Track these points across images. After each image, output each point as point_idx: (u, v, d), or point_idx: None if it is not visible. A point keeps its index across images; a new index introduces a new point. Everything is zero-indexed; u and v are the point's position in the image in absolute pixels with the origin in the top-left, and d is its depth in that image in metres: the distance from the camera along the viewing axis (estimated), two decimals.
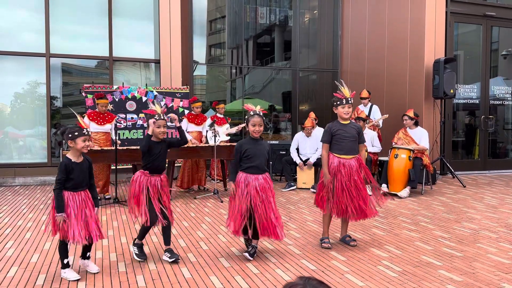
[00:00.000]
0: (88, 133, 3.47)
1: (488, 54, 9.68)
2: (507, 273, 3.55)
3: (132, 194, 3.83)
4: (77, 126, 3.51)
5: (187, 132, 7.50)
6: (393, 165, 6.89)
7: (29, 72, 8.76)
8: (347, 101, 4.19)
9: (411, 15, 8.99)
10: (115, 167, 6.59)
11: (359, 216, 4.22)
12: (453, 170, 8.24)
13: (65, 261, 3.50)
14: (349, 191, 4.13)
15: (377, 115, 8.34)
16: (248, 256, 3.89)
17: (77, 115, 3.78)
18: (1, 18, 8.57)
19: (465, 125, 10.00)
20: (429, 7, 8.66)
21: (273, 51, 11.66)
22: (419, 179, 7.01)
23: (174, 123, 4.07)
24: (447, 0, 8.96)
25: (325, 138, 4.28)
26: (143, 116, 8.11)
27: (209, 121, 7.62)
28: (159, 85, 8.96)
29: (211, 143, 7.01)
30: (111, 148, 6.44)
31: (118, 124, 7.69)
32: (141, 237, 3.97)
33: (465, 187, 7.72)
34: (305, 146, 7.81)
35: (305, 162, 7.64)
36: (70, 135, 3.41)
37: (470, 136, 9.94)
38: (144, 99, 8.16)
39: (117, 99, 7.98)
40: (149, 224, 3.81)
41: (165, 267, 3.75)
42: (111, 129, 6.72)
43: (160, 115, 3.88)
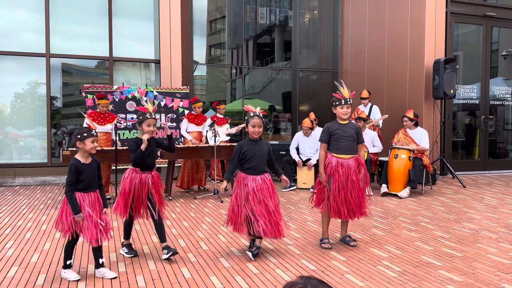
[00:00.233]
0: (96, 134, 3.48)
1: (488, 55, 9.68)
2: (507, 273, 3.56)
3: (122, 190, 3.87)
4: (85, 127, 3.50)
5: (187, 132, 7.51)
6: (393, 165, 6.89)
7: (29, 72, 8.76)
8: (346, 102, 4.20)
9: (411, 15, 8.99)
10: (115, 167, 6.59)
11: (354, 215, 4.23)
12: (453, 171, 8.24)
13: (68, 262, 3.49)
14: (345, 191, 4.15)
15: (377, 115, 8.34)
16: (251, 256, 3.91)
17: (85, 116, 3.78)
18: (1, 18, 8.57)
19: (465, 125, 10.01)
20: (429, 7, 8.66)
21: (273, 51, 11.66)
22: (419, 179, 7.01)
23: (165, 130, 4.13)
24: (447, 1, 8.96)
25: (323, 137, 4.30)
26: None
27: (209, 121, 7.62)
28: (159, 85, 8.96)
29: (211, 143, 7.02)
30: (111, 148, 6.44)
31: (118, 124, 7.69)
32: (127, 236, 4.07)
33: (465, 187, 7.72)
34: (304, 146, 7.81)
35: (305, 162, 7.65)
36: (79, 136, 3.41)
37: (470, 137, 9.95)
38: (144, 99, 8.15)
39: (117, 99, 7.98)
40: (128, 218, 3.90)
41: (165, 267, 3.75)
42: (111, 129, 6.72)
43: (152, 114, 3.91)
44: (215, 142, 6.72)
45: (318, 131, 7.71)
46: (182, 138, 8.06)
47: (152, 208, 3.90)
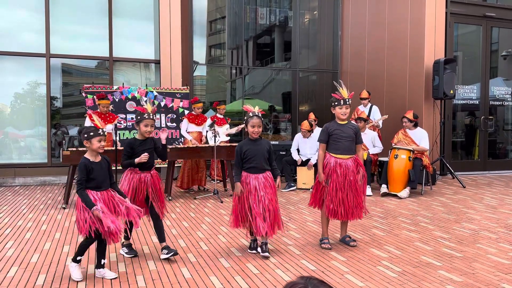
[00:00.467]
0: (103, 133, 3.49)
1: (488, 55, 9.69)
2: (506, 274, 3.56)
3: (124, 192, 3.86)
4: (92, 126, 3.50)
5: (188, 132, 7.52)
6: (393, 166, 6.89)
7: (29, 72, 8.77)
8: (345, 102, 4.22)
9: (411, 15, 9.00)
10: (115, 167, 6.58)
11: (351, 216, 4.24)
12: (453, 171, 8.24)
13: (78, 257, 3.48)
14: (342, 192, 4.16)
15: (376, 116, 8.34)
16: (266, 255, 3.98)
17: (93, 115, 3.76)
18: (1, 18, 8.57)
19: (465, 125, 10.01)
20: (429, 8, 8.67)
21: (273, 51, 11.66)
22: (419, 179, 7.01)
23: (161, 140, 4.06)
24: (447, 1, 8.97)
25: (322, 137, 4.32)
26: None
27: (209, 122, 7.63)
28: (159, 85, 8.96)
29: (211, 143, 7.02)
30: (111, 148, 6.44)
31: (118, 124, 7.70)
32: (127, 236, 4.04)
33: (464, 187, 7.72)
34: (305, 146, 7.82)
35: (305, 162, 7.65)
36: (86, 135, 3.43)
37: (470, 137, 9.95)
38: (144, 99, 8.15)
39: (117, 100, 7.98)
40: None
41: (165, 267, 3.75)
42: (112, 129, 6.73)
43: (150, 114, 3.91)
44: (215, 142, 6.72)
45: (318, 131, 7.70)
46: (182, 138, 8.07)
47: (152, 206, 3.91)
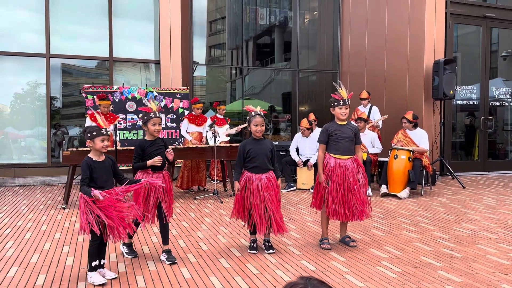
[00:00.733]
0: (106, 132, 3.47)
1: (487, 55, 9.69)
2: (506, 274, 3.56)
3: (135, 193, 3.84)
4: (95, 125, 3.50)
5: (188, 132, 7.52)
6: (393, 166, 6.89)
7: (29, 72, 8.77)
8: (344, 102, 4.23)
9: (411, 16, 9.00)
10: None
11: (352, 217, 4.24)
12: (452, 171, 8.24)
13: (93, 263, 3.41)
14: (343, 192, 4.16)
15: (376, 116, 8.35)
16: (271, 251, 4.08)
17: (96, 114, 3.74)
18: (1, 18, 8.57)
19: (465, 126, 10.02)
20: (429, 8, 8.67)
21: (273, 52, 11.66)
22: (418, 180, 7.01)
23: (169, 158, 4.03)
24: (446, 1, 8.97)
25: (321, 138, 4.33)
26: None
27: (209, 122, 7.63)
28: (159, 85, 8.96)
29: (211, 143, 7.02)
30: (111, 148, 6.44)
31: (118, 124, 7.70)
32: (130, 235, 4.01)
33: (464, 188, 7.73)
34: (304, 146, 7.82)
35: (305, 163, 7.65)
36: (89, 134, 3.43)
37: (470, 137, 9.95)
38: (144, 99, 8.16)
39: (117, 100, 7.99)
40: (140, 220, 3.83)
41: (165, 267, 3.76)
42: (112, 130, 6.73)
43: (156, 113, 3.90)
44: (215, 142, 6.73)
45: (317, 131, 7.71)
46: (182, 139, 8.07)
47: (160, 207, 3.90)
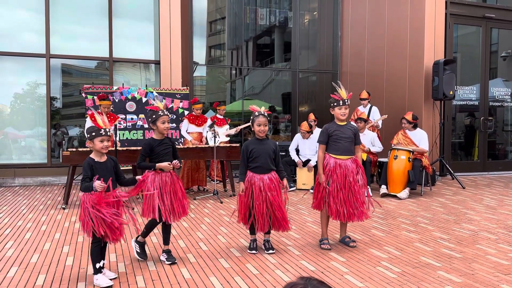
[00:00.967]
0: (106, 133, 3.44)
1: (487, 56, 9.70)
2: (506, 274, 3.56)
3: (148, 194, 3.80)
4: (95, 126, 3.48)
5: (188, 132, 7.51)
6: (393, 166, 6.89)
7: (29, 72, 8.77)
8: (344, 103, 4.23)
9: (410, 16, 9.00)
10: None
11: (353, 217, 4.24)
12: (452, 171, 8.24)
13: (97, 265, 3.39)
14: (343, 192, 4.17)
15: (376, 116, 8.35)
16: (270, 251, 4.09)
17: (96, 114, 3.72)
18: (1, 18, 8.58)
19: (465, 126, 10.02)
20: (429, 8, 8.67)
21: (273, 52, 11.67)
22: (418, 180, 7.02)
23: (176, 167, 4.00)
24: (446, 2, 8.97)
25: (321, 138, 4.34)
26: (143, 117, 8.12)
27: (209, 122, 7.63)
28: (159, 86, 8.97)
29: (211, 144, 7.02)
30: (111, 148, 6.44)
31: (118, 124, 7.70)
32: (145, 234, 3.96)
33: (464, 188, 7.73)
34: (304, 147, 7.82)
35: (305, 163, 7.65)
36: (88, 135, 3.41)
37: (470, 138, 9.96)
38: (144, 100, 8.17)
39: (117, 100, 7.99)
40: (157, 220, 3.80)
41: (164, 267, 3.76)
42: (112, 130, 6.73)
43: (164, 111, 3.88)
44: (215, 142, 6.73)
45: (317, 132, 7.71)
46: (182, 139, 8.07)
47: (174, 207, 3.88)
